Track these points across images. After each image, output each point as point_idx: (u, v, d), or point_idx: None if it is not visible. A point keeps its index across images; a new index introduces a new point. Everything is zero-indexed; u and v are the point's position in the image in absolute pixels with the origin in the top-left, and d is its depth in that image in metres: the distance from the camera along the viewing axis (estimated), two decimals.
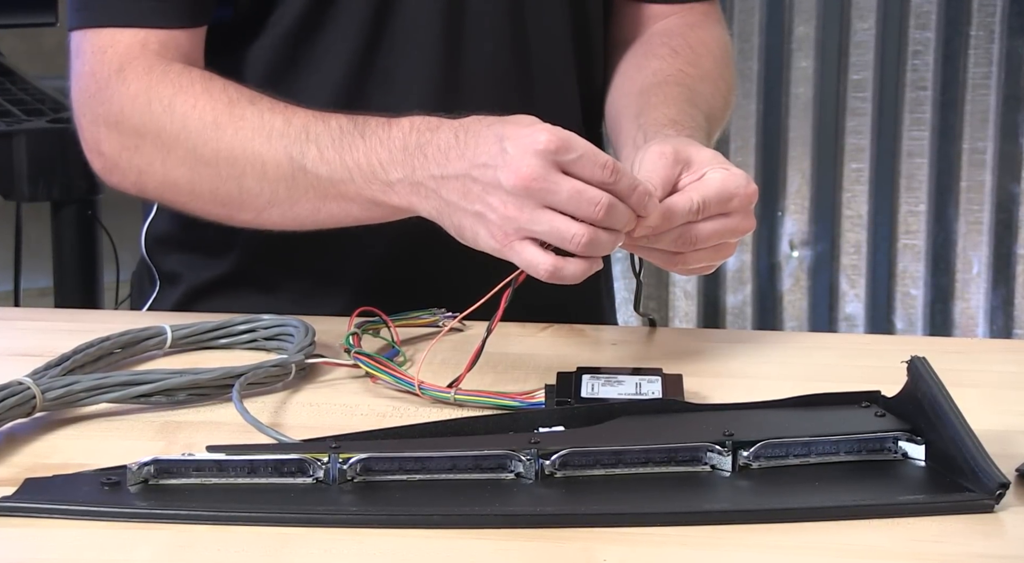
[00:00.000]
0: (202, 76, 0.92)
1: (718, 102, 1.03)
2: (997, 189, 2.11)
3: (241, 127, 0.89)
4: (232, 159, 0.89)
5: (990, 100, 2.07)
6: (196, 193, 0.92)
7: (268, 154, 0.88)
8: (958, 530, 0.65)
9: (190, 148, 0.90)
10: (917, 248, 2.13)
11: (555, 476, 0.69)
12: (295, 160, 0.87)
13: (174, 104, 0.91)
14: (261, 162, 0.88)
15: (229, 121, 0.89)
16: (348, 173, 0.86)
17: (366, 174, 0.85)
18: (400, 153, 0.84)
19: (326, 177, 0.86)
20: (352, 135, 0.86)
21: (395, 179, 0.84)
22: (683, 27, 1.07)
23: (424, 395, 0.80)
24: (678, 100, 0.98)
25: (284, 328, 0.89)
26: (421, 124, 0.84)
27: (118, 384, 0.78)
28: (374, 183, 0.85)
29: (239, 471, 0.68)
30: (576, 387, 0.79)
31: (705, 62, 1.05)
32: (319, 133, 0.87)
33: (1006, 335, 2.13)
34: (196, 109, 0.90)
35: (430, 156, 0.83)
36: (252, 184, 0.89)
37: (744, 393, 0.80)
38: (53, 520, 0.65)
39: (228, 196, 0.91)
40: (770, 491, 0.68)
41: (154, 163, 0.92)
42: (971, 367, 0.87)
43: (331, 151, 0.86)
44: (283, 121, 0.89)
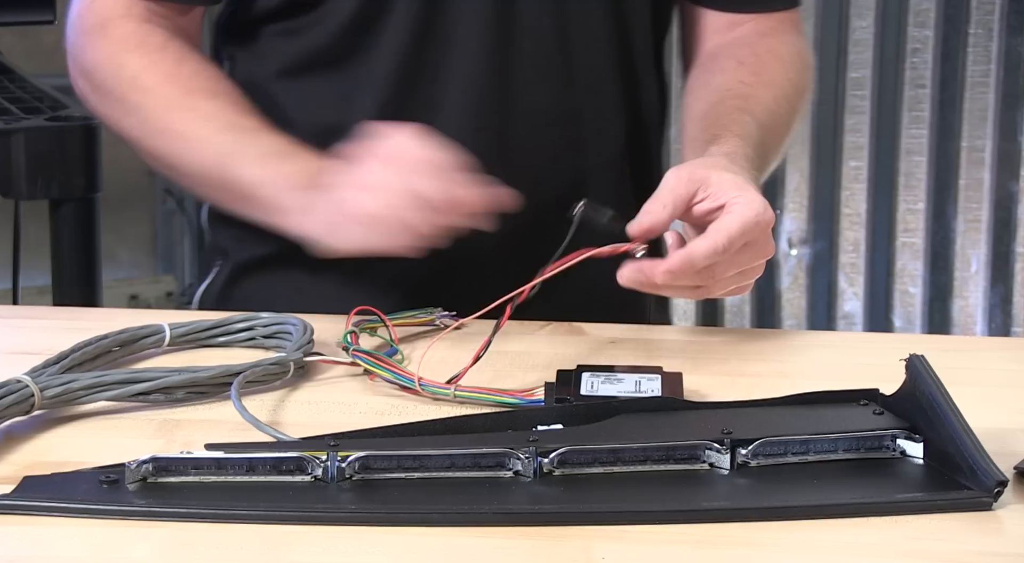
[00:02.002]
0: (175, 57, 1.00)
1: (781, 106, 1.04)
2: (996, 187, 2.11)
3: (190, 114, 0.98)
4: (174, 137, 0.98)
5: (989, 98, 2.08)
6: (144, 152, 1.02)
7: (204, 142, 0.97)
8: (956, 528, 0.65)
9: (143, 118, 0.99)
10: (916, 246, 2.14)
11: (553, 474, 0.69)
12: (222, 156, 0.96)
13: (139, 77, 0.99)
14: (198, 147, 0.97)
15: (183, 106, 0.98)
16: (261, 182, 0.94)
17: (273, 188, 0.94)
18: (306, 176, 0.93)
19: (243, 179, 0.95)
20: (278, 156, 0.96)
21: (290, 197, 0.93)
22: (755, 36, 1.08)
23: (424, 391, 0.80)
24: (731, 113, 0.99)
25: (282, 326, 0.89)
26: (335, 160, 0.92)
27: (116, 382, 0.78)
28: (274, 194, 0.94)
29: (238, 469, 0.68)
30: (576, 385, 0.79)
31: (770, 69, 1.05)
32: (256, 142, 0.96)
33: (1004, 333, 2.14)
34: (157, 88, 0.99)
35: (324, 175, 0.91)
36: (187, 164, 0.99)
37: (742, 391, 0.80)
38: (52, 518, 0.65)
39: (168, 166, 1.01)
40: (768, 489, 0.68)
41: (113, 117, 1.02)
42: (969, 365, 0.87)
43: (256, 161, 0.95)
44: (229, 121, 0.97)
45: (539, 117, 1.03)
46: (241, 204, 0.98)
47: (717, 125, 0.98)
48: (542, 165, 1.04)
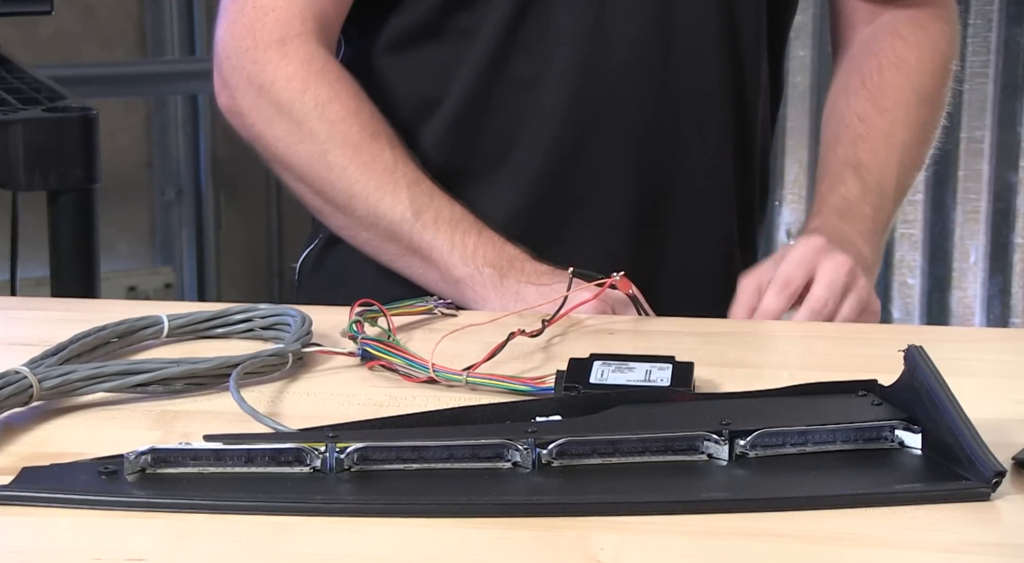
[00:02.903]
0: (356, 92, 1.00)
1: (894, 139, 1.05)
2: (995, 178, 2.11)
3: (375, 162, 0.97)
4: (354, 180, 0.97)
5: (988, 89, 2.08)
6: (305, 182, 1.00)
7: (388, 196, 0.97)
8: (954, 518, 0.65)
9: (322, 151, 0.98)
10: (914, 237, 2.14)
11: (552, 465, 0.69)
12: (407, 213, 0.96)
13: (327, 107, 0.98)
14: (379, 199, 0.97)
15: (367, 151, 0.98)
16: (451, 249, 0.96)
17: (465, 259, 0.95)
18: (505, 260, 0.95)
19: (429, 242, 0.96)
20: (470, 228, 0.96)
21: (487, 273, 0.95)
22: (888, 37, 1.08)
23: (437, 377, 0.80)
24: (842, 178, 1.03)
25: (281, 317, 0.89)
26: (531, 255, 0.96)
27: (115, 373, 0.78)
28: (468, 268, 0.95)
29: (236, 460, 0.68)
30: (586, 373, 0.79)
31: (890, 87, 1.06)
32: (441, 207, 0.97)
33: (1003, 324, 2.14)
34: (344, 122, 0.98)
35: (528, 270, 0.95)
36: (361, 209, 0.98)
37: (741, 382, 0.80)
38: (50, 509, 0.65)
39: (331, 204, 0.99)
40: (767, 480, 0.68)
41: (280, 141, 1.00)
42: (968, 356, 0.87)
43: (445, 226, 0.96)
44: (414, 178, 0.97)
45: (636, 102, 1.03)
46: (415, 263, 0.98)
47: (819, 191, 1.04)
48: (636, 151, 1.04)
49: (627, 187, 1.04)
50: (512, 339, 0.83)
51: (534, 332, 0.86)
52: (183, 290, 2.43)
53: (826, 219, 1.01)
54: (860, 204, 1.02)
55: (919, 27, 1.09)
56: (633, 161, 1.04)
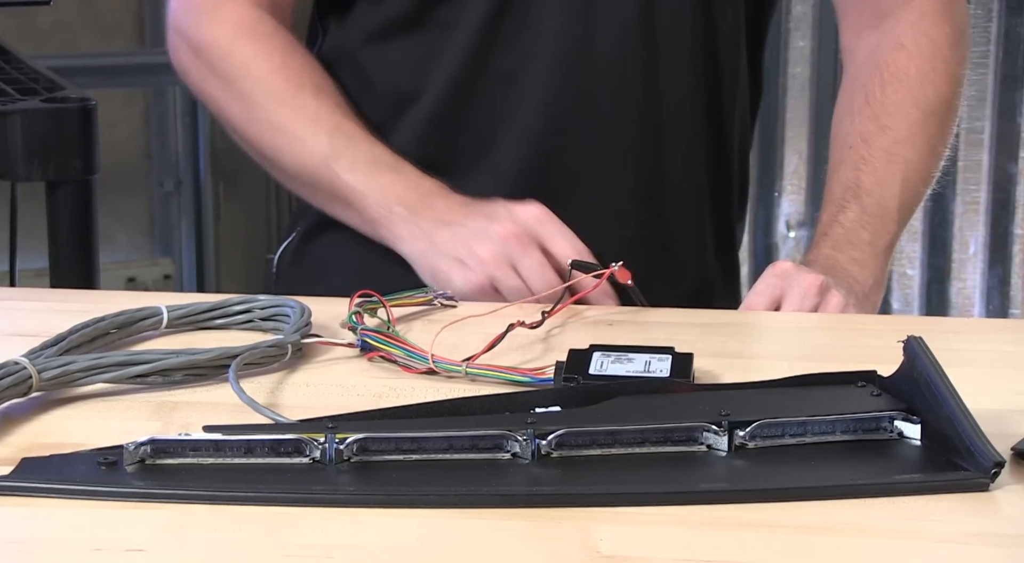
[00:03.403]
0: (284, 47, 1.02)
1: (896, 159, 1.04)
2: (994, 169, 2.11)
3: (298, 112, 0.99)
4: (278, 132, 1.00)
5: (988, 79, 2.07)
6: (240, 136, 1.04)
7: (308, 142, 0.99)
8: (953, 508, 0.65)
9: (249, 105, 1.01)
10: (914, 228, 2.14)
11: (551, 456, 0.69)
12: (327, 157, 0.98)
13: (251, 65, 1.01)
14: (300, 146, 1.00)
15: (290, 102, 1.00)
16: (365, 190, 0.97)
17: (379, 198, 0.95)
18: (417, 196, 0.95)
19: (347, 184, 0.97)
20: (385, 167, 0.97)
21: (398, 212, 0.95)
22: (892, 49, 1.06)
23: (437, 368, 0.80)
24: (842, 206, 1.03)
25: (280, 308, 0.89)
26: (446, 188, 0.96)
27: (114, 364, 0.78)
28: (381, 208, 0.96)
29: (236, 451, 0.68)
30: (586, 364, 0.79)
31: (892, 102, 1.05)
32: (359, 148, 0.98)
33: (1002, 315, 2.14)
34: (268, 78, 1.01)
35: (440, 207, 0.95)
36: (286, 160, 1.01)
37: (740, 373, 0.80)
38: (50, 499, 0.65)
39: (263, 156, 1.03)
40: (766, 471, 0.68)
41: (215, 99, 1.04)
42: (967, 347, 0.87)
43: (361, 168, 0.97)
44: (335, 123, 0.99)
45: (616, 98, 1.02)
46: (339, 208, 0.99)
47: (823, 218, 1.04)
48: (616, 147, 1.04)
49: (606, 183, 1.04)
50: (511, 330, 0.83)
51: (533, 324, 0.86)
52: (182, 281, 2.43)
53: (819, 251, 1.01)
54: (857, 231, 1.02)
55: (922, 35, 1.07)
56: (613, 157, 1.03)
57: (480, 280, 0.93)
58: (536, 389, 0.78)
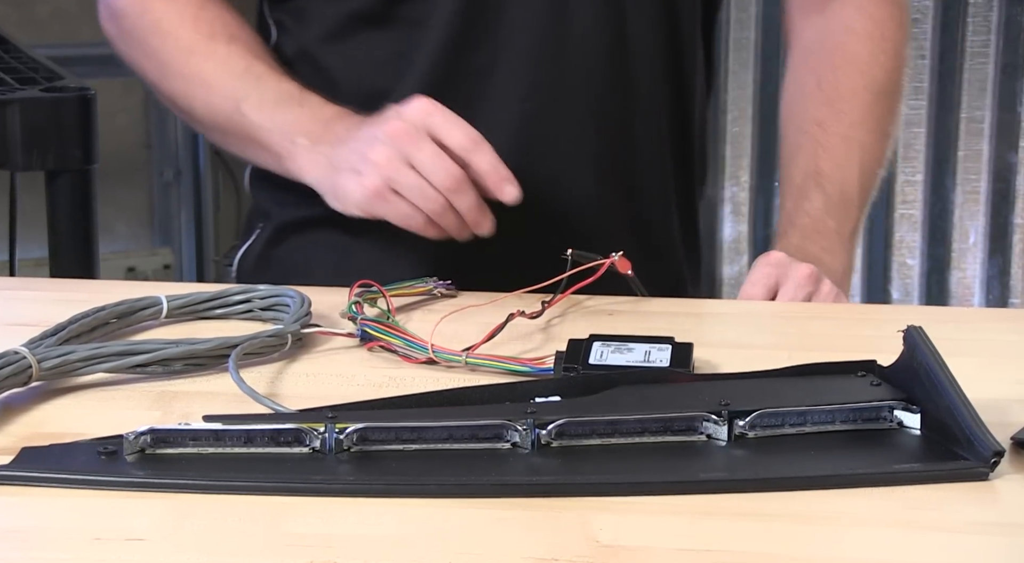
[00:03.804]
0: (199, 3, 1.02)
1: (852, 142, 1.05)
2: (995, 158, 2.11)
3: (207, 59, 1.00)
4: (189, 82, 1.00)
5: (988, 68, 2.07)
6: (162, 95, 1.04)
7: (218, 87, 0.99)
8: (953, 498, 0.65)
9: (163, 62, 1.02)
10: (914, 218, 2.13)
11: (551, 446, 0.69)
12: (236, 100, 0.98)
13: (160, 21, 1.02)
14: (210, 92, 0.99)
15: (200, 51, 1.00)
16: (271, 127, 0.96)
17: (283, 133, 0.95)
18: (318, 125, 0.95)
19: (254, 123, 0.97)
20: (291, 102, 0.97)
21: (301, 143, 0.95)
22: (841, 32, 1.07)
23: (437, 357, 0.80)
24: (805, 193, 1.03)
25: (280, 298, 0.89)
26: (349, 113, 0.95)
27: (114, 354, 0.78)
28: (286, 141, 0.95)
29: (235, 441, 0.68)
30: (586, 354, 0.79)
31: (845, 87, 1.06)
32: (267, 88, 0.98)
33: (1002, 304, 2.14)
34: (177, 31, 1.01)
35: (339, 129, 0.94)
36: (200, 108, 1.01)
37: (740, 363, 0.80)
38: (50, 489, 0.65)
39: (182, 110, 1.03)
40: (766, 460, 0.68)
41: (135, 59, 1.05)
42: (967, 336, 0.87)
43: (268, 106, 0.97)
44: (245, 66, 0.99)
45: (590, 89, 1.02)
46: (251, 150, 0.99)
47: (785, 210, 1.04)
48: (590, 137, 1.03)
49: (582, 174, 1.03)
50: (511, 320, 0.83)
51: (533, 314, 0.86)
52: (182, 271, 2.43)
53: (789, 241, 1.01)
54: (824, 219, 1.02)
55: (868, 17, 1.08)
56: (587, 147, 1.02)
57: (375, 183, 0.90)
58: (536, 379, 0.78)
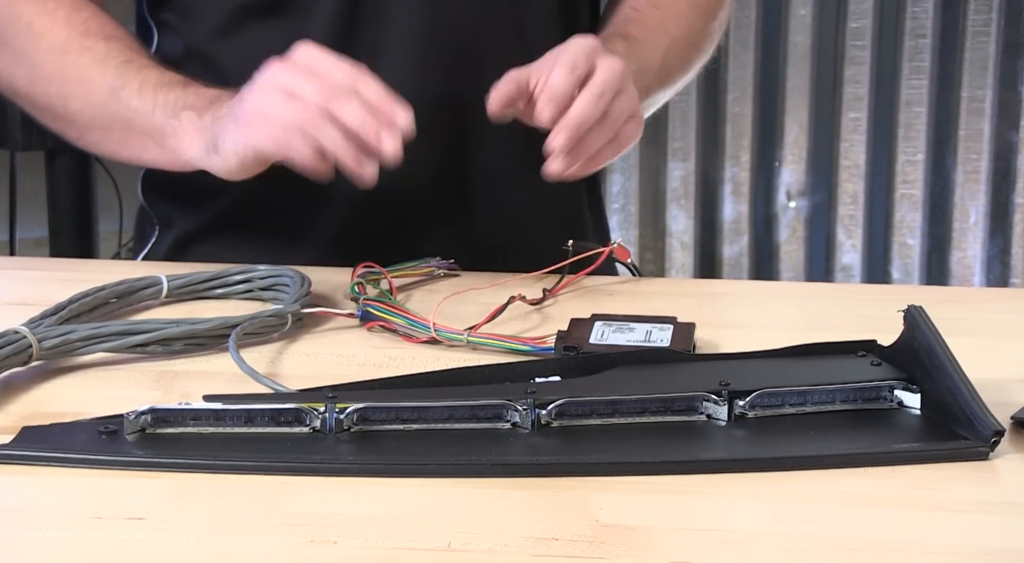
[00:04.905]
0: (73, 4, 0.97)
1: (665, 27, 1.04)
2: (996, 138, 2.10)
3: (84, 55, 0.95)
4: (65, 80, 0.95)
5: (990, 48, 2.06)
6: (33, 105, 0.99)
7: (95, 80, 0.94)
8: (953, 477, 0.65)
9: (35, 64, 0.96)
10: (915, 198, 2.13)
11: (551, 425, 0.69)
12: (115, 89, 0.93)
13: (32, 23, 0.96)
14: (88, 87, 0.94)
15: (76, 48, 0.95)
16: (153, 108, 0.92)
17: (166, 111, 0.91)
18: (204, 101, 0.91)
19: (135, 108, 0.92)
20: (175, 84, 0.93)
21: (186, 116, 0.90)
22: None
23: (439, 336, 0.80)
24: (610, 40, 1.00)
25: (280, 278, 0.88)
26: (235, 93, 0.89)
27: (114, 334, 0.78)
28: (168, 118, 0.91)
29: (236, 420, 0.68)
30: (587, 333, 0.79)
31: None
32: (148, 75, 0.93)
33: (1003, 284, 2.14)
34: (50, 32, 0.96)
35: (225, 102, 0.89)
36: (76, 105, 0.95)
37: (740, 343, 0.80)
38: (50, 468, 0.65)
39: (54, 114, 0.97)
40: (766, 440, 0.68)
41: (3, 69, 0.98)
42: (967, 316, 0.87)
43: (149, 89, 0.92)
44: (124, 59, 0.95)
45: (482, 63, 0.99)
46: (131, 140, 0.94)
47: None
48: (484, 110, 1.01)
49: (489, 148, 1.02)
50: (512, 302, 0.83)
51: (534, 300, 0.86)
52: None
53: None
54: (626, 58, 1.00)
55: None
56: (481, 119, 1.00)
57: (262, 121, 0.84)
58: (537, 358, 0.78)
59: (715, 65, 2.08)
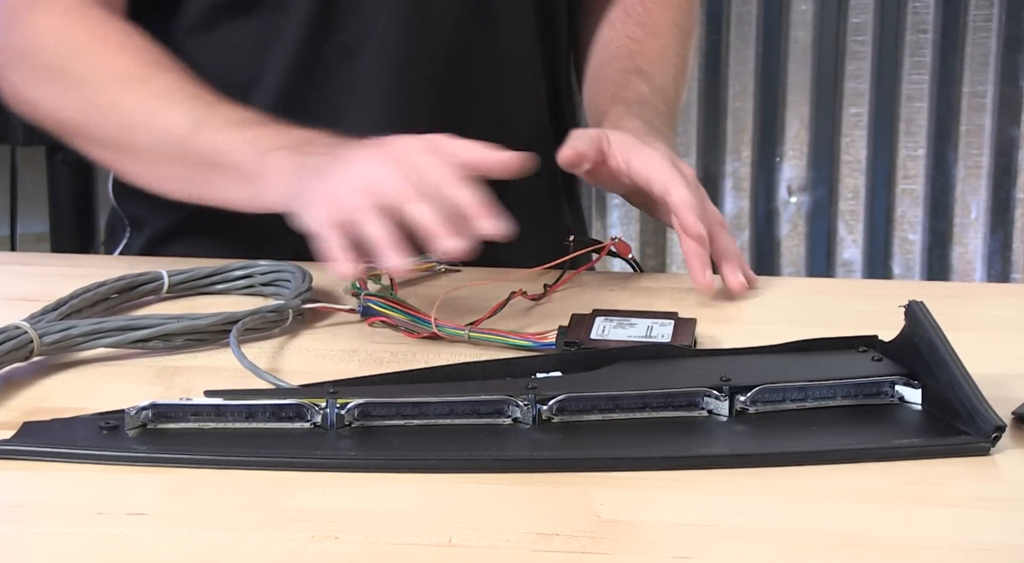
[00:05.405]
0: (120, 29, 0.93)
1: (669, 57, 1.04)
2: (996, 133, 2.10)
3: (147, 86, 0.91)
4: (127, 111, 0.91)
5: (991, 43, 2.06)
6: (86, 136, 0.94)
7: (165, 113, 0.90)
8: (954, 473, 0.65)
9: (90, 91, 0.91)
10: (916, 193, 2.13)
11: (552, 421, 0.69)
12: (191, 124, 0.89)
13: (86, 50, 0.92)
14: (156, 120, 0.90)
15: (137, 78, 0.91)
16: (237, 146, 0.87)
17: (254, 149, 0.86)
18: (295, 140, 0.86)
19: (215, 146, 0.88)
20: (256, 121, 0.89)
21: (276, 155, 0.85)
22: None
23: (440, 332, 0.80)
24: (623, 83, 1.00)
25: (281, 273, 0.89)
26: (322, 134, 0.87)
27: (115, 329, 0.78)
28: (255, 157, 0.86)
29: (237, 416, 0.68)
30: (588, 329, 0.79)
31: (656, 17, 1.05)
32: (224, 110, 0.90)
33: (1003, 279, 2.14)
34: (107, 60, 0.92)
35: (317, 145, 0.85)
36: (141, 139, 0.91)
37: (741, 338, 0.80)
38: (52, 463, 0.65)
39: (115, 145, 0.93)
40: (767, 435, 0.68)
41: (51, 100, 0.93)
42: (968, 311, 0.87)
43: (232, 126, 0.88)
44: (193, 92, 0.90)
45: (458, 62, 1.00)
46: (206, 177, 0.90)
47: (607, 93, 1.00)
48: (461, 110, 1.01)
49: None
50: (512, 298, 0.83)
51: (535, 296, 0.86)
52: None
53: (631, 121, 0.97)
54: (653, 100, 1.00)
55: None
56: (462, 119, 0.99)
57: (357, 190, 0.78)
58: (538, 354, 0.78)
59: (716, 60, 2.08)
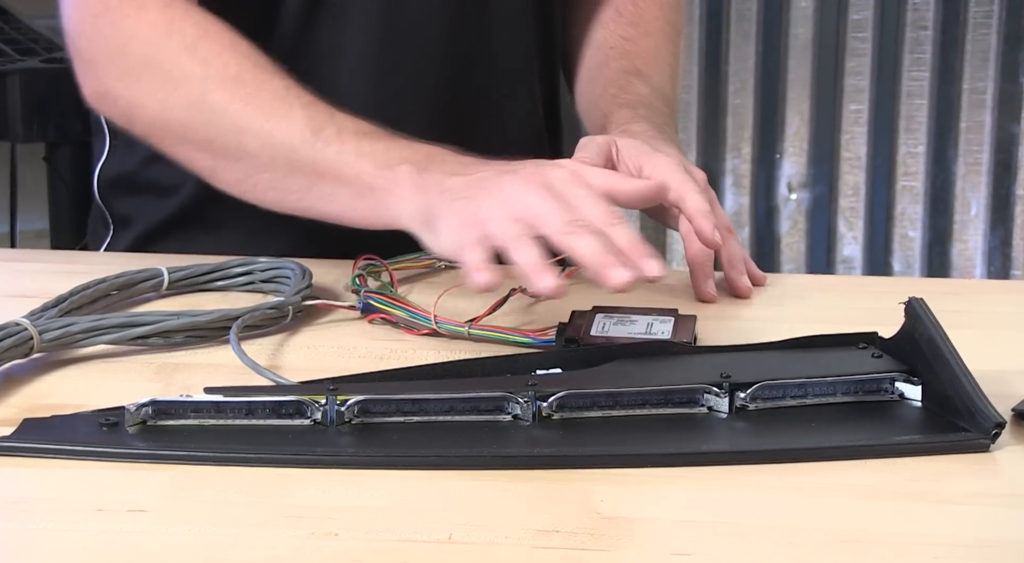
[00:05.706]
0: (228, 30, 0.89)
1: (663, 56, 1.04)
2: (997, 130, 2.10)
3: (262, 90, 0.86)
4: (240, 113, 0.86)
5: (991, 39, 2.06)
6: (188, 138, 0.88)
7: (283, 119, 0.85)
8: (954, 469, 0.65)
9: (201, 92, 0.86)
10: (916, 190, 2.13)
11: (552, 418, 0.69)
12: (308, 131, 0.84)
13: (197, 45, 0.87)
14: (272, 124, 0.85)
15: (252, 79, 0.86)
16: (357, 157, 0.82)
17: (375, 162, 0.82)
18: (421, 155, 0.82)
19: (333, 156, 0.83)
20: (377, 133, 0.84)
21: (404, 169, 0.81)
22: None
23: (440, 329, 0.80)
24: (623, 85, 0.99)
25: (281, 270, 0.88)
26: (448, 149, 0.83)
27: (115, 326, 0.78)
28: (379, 169, 0.81)
29: (237, 413, 0.68)
30: (588, 325, 0.79)
31: (647, 15, 1.05)
32: (343, 119, 0.85)
33: (1004, 276, 2.14)
34: (220, 57, 0.87)
35: (448, 161, 0.81)
36: (252, 143, 0.86)
37: (741, 335, 0.80)
38: (52, 460, 0.65)
39: (223, 149, 0.87)
40: (766, 432, 0.68)
41: (152, 98, 0.88)
42: (968, 308, 0.87)
43: (350, 137, 0.83)
44: (308, 100, 0.86)
45: (445, 61, 0.99)
46: (319, 188, 0.85)
47: (608, 96, 0.98)
48: (449, 110, 1.00)
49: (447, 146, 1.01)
50: (513, 295, 0.83)
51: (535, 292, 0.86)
52: None
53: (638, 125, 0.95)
54: (655, 101, 0.98)
55: None
56: (450, 119, 0.99)
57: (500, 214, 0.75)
58: (538, 351, 0.78)
59: (716, 57, 2.07)
